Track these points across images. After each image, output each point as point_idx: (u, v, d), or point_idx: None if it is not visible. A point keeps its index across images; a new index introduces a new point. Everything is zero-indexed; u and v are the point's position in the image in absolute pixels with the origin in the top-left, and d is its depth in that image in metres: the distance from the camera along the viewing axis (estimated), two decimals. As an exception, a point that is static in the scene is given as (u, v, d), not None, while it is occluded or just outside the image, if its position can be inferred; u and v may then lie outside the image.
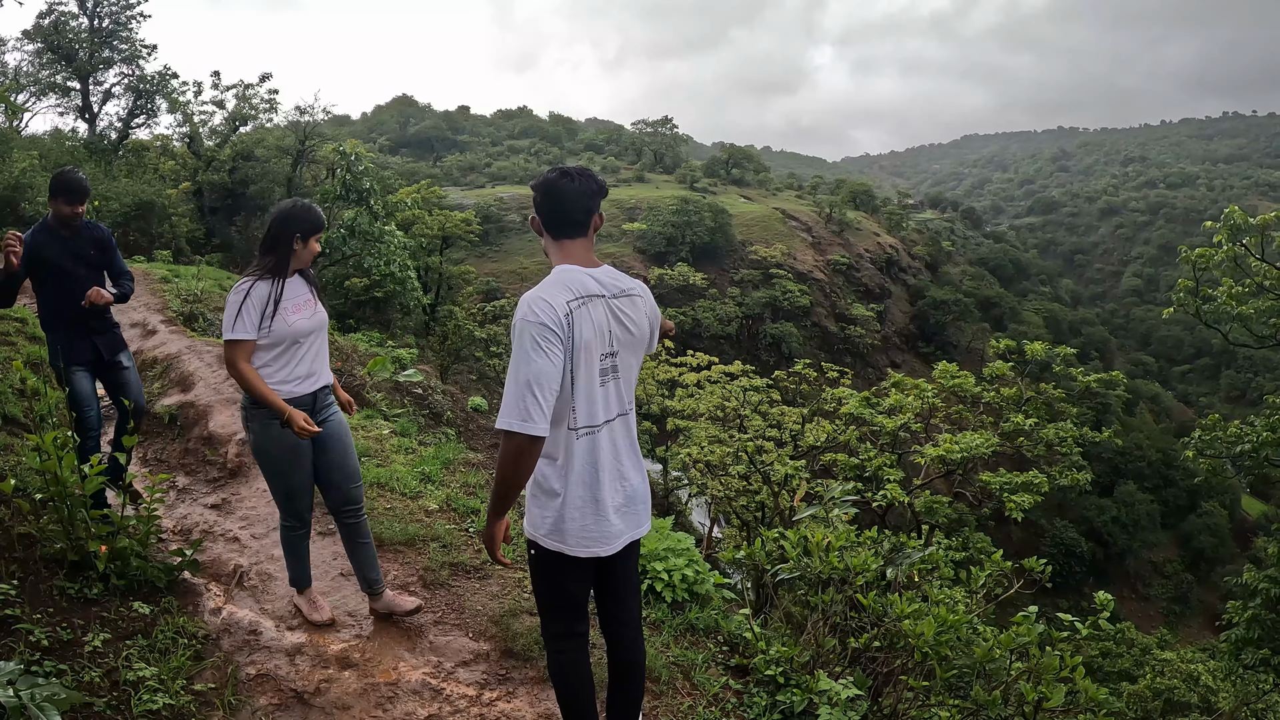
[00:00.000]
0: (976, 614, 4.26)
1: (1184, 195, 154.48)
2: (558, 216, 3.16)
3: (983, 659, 3.60)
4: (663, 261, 63.74)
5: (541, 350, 2.94)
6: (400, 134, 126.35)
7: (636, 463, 3.35)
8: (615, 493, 3.23)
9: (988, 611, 4.57)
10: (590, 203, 3.16)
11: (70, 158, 23.10)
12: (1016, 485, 14.24)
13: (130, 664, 3.78)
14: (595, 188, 3.18)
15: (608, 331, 3.12)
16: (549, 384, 2.95)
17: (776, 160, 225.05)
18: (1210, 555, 54.27)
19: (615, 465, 3.23)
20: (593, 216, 3.20)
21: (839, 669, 3.93)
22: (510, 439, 2.91)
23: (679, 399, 21.90)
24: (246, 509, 5.82)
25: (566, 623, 3.36)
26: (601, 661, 3.64)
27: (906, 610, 3.68)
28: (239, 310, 4.00)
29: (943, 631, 3.53)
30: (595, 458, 3.16)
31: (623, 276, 3.26)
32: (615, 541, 3.21)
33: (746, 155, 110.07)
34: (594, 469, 3.15)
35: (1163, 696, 14.70)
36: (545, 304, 3.01)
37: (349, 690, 3.98)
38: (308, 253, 4.22)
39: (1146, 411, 71.12)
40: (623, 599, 3.43)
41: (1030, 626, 3.67)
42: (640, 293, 3.27)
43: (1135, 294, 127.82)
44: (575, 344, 3.02)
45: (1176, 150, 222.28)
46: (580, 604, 3.38)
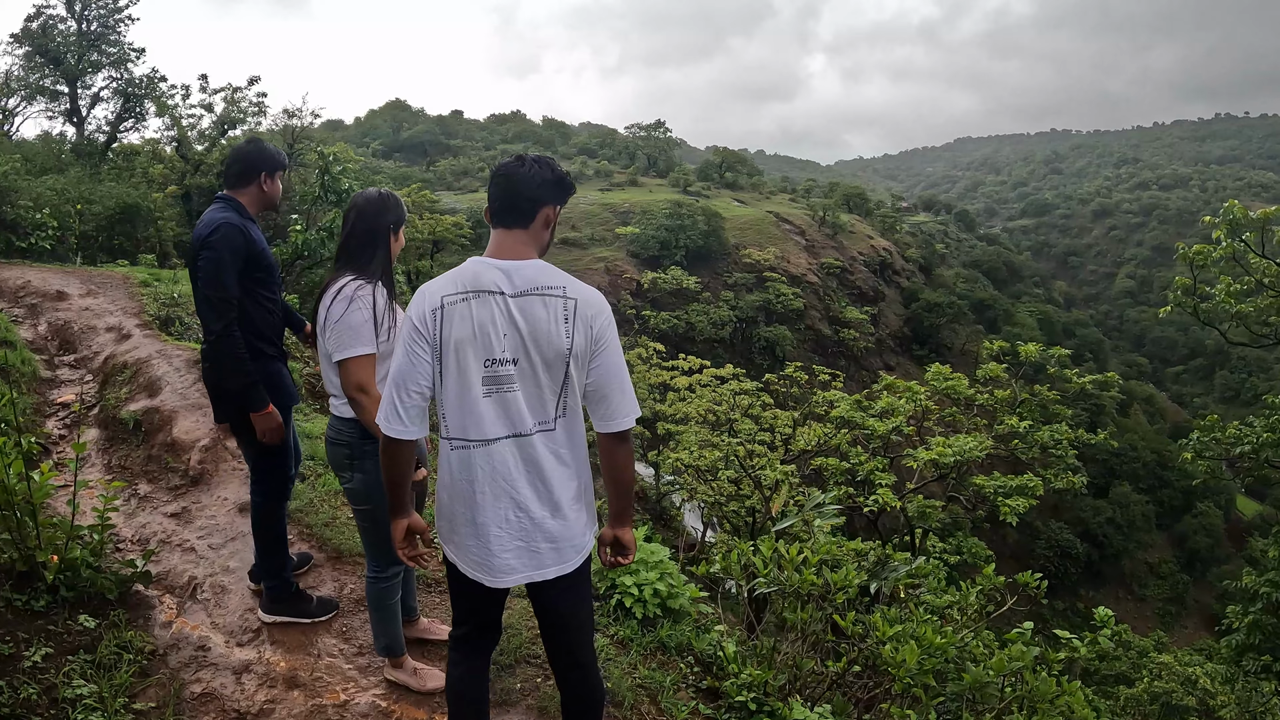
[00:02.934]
0: (968, 630, 3.96)
1: (1177, 196, 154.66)
2: (498, 202, 2.91)
3: (973, 685, 3.31)
4: (656, 265, 63.50)
5: (405, 347, 2.81)
6: (393, 138, 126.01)
7: (548, 495, 2.90)
8: (504, 523, 2.88)
9: (980, 628, 4.27)
10: (539, 192, 2.90)
11: (56, 161, 22.87)
12: (1011, 489, 14.05)
13: (70, 681, 3.58)
14: (550, 178, 2.93)
15: (497, 334, 2.79)
16: (408, 384, 2.80)
17: (769, 164, 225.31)
18: (1205, 555, 54.34)
19: (506, 491, 2.87)
20: (540, 208, 2.92)
21: (817, 694, 3.65)
22: (382, 436, 2.85)
23: (670, 403, 21.69)
24: (206, 518, 5.59)
25: (464, 628, 3.16)
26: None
27: (888, 633, 3.37)
28: (367, 319, 3.59)
29: (928, 656, 3.26)
30: (471, 476, 2.87)
31: (551, 275, 2.88)
32: (502, 577, 2.92)
33: (740, 159, 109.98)
34: (469, 488, 2.88)
35: (1160, 700, 14.56)
36: (421, 297, 2.83)
37: (295, 712, 3.78)
38: (398, 247, 3.89)
39: (1140, 412, 71.16)
40: (554, 637, 3.14)
41: (1022, 648, 3.38)
42: (563, 293, 2.85)
43: (1129, 295, 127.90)
44: (442, 343, 2.78)
45: (1169, 152, 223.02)
46: (480, 615, 3.16)
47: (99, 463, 6.69)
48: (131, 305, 11.36)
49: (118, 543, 5.25)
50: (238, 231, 4.08)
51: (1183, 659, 17.31)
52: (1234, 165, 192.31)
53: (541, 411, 2.86)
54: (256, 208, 4.33)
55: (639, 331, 45.31)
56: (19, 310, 11.06)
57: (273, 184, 4.30)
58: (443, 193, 78.06)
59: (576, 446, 2.96)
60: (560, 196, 2.99)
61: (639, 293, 60.75)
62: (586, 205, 76.46)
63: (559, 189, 2.97)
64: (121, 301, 11.47)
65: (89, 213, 18.40)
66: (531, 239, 2.93)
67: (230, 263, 4.04)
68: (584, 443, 3.00)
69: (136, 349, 8.69)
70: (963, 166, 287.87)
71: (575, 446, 2.96)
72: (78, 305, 11.10)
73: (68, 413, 7.66)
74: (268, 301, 4.27)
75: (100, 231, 18.89)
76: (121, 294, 11.83)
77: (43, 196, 16.73)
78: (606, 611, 4.71)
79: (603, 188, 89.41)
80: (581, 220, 72.71)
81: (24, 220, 15.74)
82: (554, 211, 2.98)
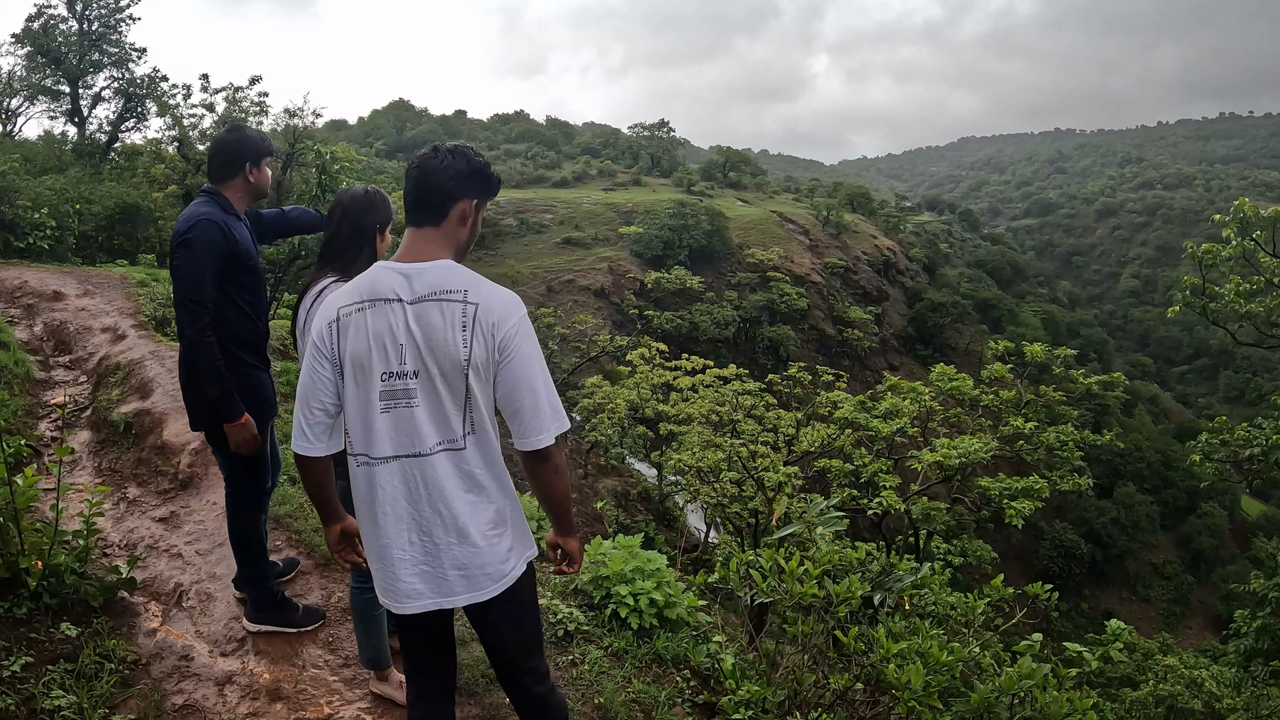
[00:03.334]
0: (975, 644, 3.82)
1: (1181, 196, 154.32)
2: (409, 197, 2.70)
3: (980, 705, 3.16)
4: (659, 265, 63.28)
5: (307, 363, 2.68)
6: (397, 138, 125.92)
7: (453, 521, 2.67)
8: (406, 545, 2.68)
9: (990, 641, 4.11)
10: (452, 186, 2.67)
11: (57, 161, 22.83)
12: (1016, 491, 13.91)
13: (49, 691, 3.50)
14: (465, 170, 2.68)
15: (395, 345, 2.59)
16: (310, 401, 2.68)
17: (773, 164, 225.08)
18: (1210, 556, 54.15)
19: (407, 513, 2.67)
20: (455, 204, 2.69)
21: (817, 712, 3.51)
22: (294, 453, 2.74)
23: (673, 403, 21.60)
24: (194, 523, 5.49)
25: (411, 659, 3.03)
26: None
27: (893, 650, 3.22)
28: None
29: (935, 673, 3.11)
30: (373, 496, 2.69)
31: (455, 278, 2.63)
32: (407, 602, 2.73)
33: (743, 159, 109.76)
34: (371, 508, 2.71)
35: (1166, 703, 14.44)
36: (323, 310, 2.69)
37: None
38: (384, 247, 3.75)
39: (1145, 413, 70.95)
40: (492, 658, 3.00)
41: (1031, 664, 3.22)
42: (463, 298, 2.59)
43: (1133, 295, 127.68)
44: (341, 357, 2.62)
45: (1173, 151, 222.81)
46: (413, 649, 3.00)
47: (89, 465, 6.59)
48: (128, 305, 11.30)
49: (105, 548, 5.17)
50: (217, 229, 3.89)
51: (1188, 661, 17.21)
52: (1238, 165, 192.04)
53: (446, 429, 2.64)
54: (245, 201, 4.17)
55: (641, 331, 45.15)
56: (15, 310, 11.00)
57: (259, 173, 4.12)
58: (446, 192, 77.93)
59: (496, 467, 2.73)
60: (479, 190, 2.75)
61: (642, 292, 60.56)
62: (590, 205, 76.37)
63: (477, 182, 2.72)
64: (118, 302, 11.42)
65: (88, 212, 18.37)
66: (445, 238, 2.71)
67: (208, 262, 3.85)
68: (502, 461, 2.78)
69: (130, 350, 8.60)
70: (967, 166, 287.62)
71: (494, 467, 2.73)
72: (74, 305, 11.04)
73: (64, 410, 7.56)
74: (248, 306, 4.07)
75: (100, 231, 18.84)
76: (118, 294, 11.78)
77: (42, 196, 16.68)
78: (601, 622, 4.61)
79: (606, 187, 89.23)
80: (585, 220, 72.60)
81: (22, 220, 15.70)
82: (471, 206, 2.73)
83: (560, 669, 4.26)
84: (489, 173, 2.77)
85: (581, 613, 4.70)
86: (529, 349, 2.65)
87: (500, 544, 2.74)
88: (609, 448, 25.88)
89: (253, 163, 4.09)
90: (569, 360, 32.26)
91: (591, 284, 60.56)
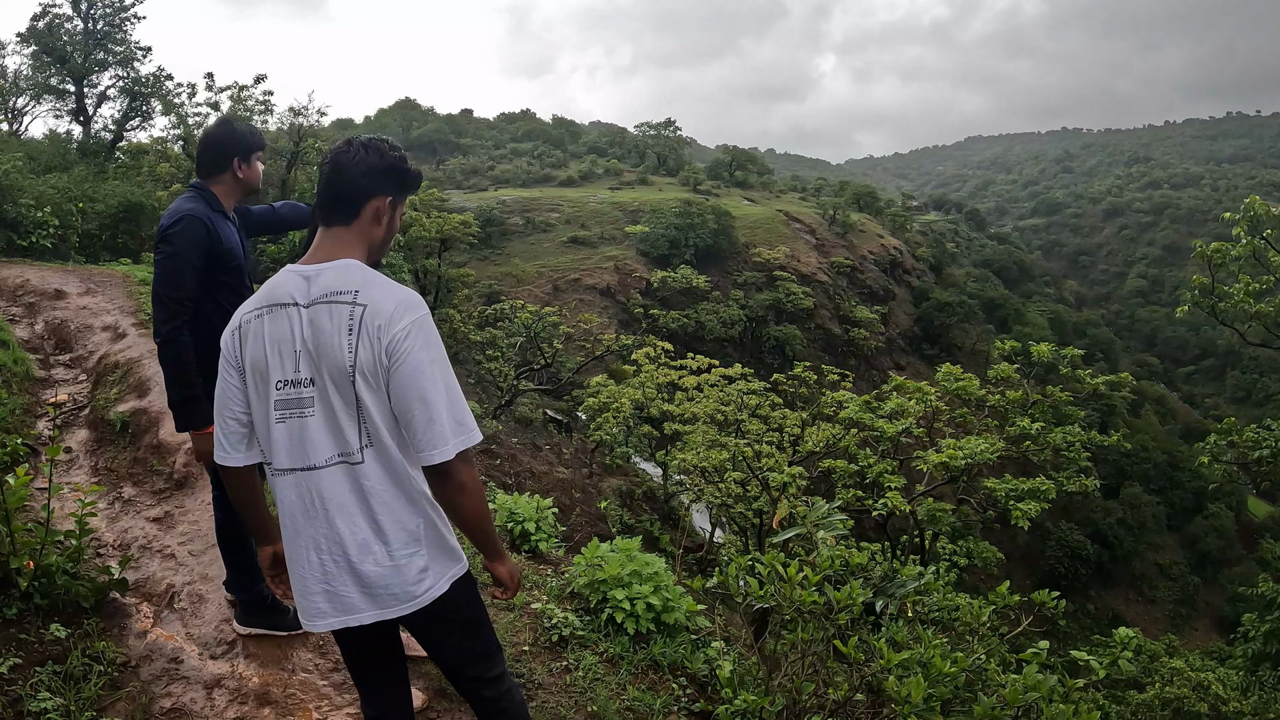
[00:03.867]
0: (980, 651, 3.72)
1: (1188, 196, 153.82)
2: (321, 194, 2.56)
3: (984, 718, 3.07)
4: (665, 264, 63.26)
5: (220, 372, 2.57)
6: (403, 137, 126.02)
7: (353, 538, 2.49)
8: (307, 562, 2.53)
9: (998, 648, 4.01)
10: (365, 183, 2.51)
11: (62, 160, 22.83)
12: (1022, 492, 13.81)
13: (36, 693, 3.46)
14: (380, 165, 2.53)
15: (290, 351, 2.44)
16: (223, 410, 2.57)
17: (780, 163, 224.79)
18: (1216, 557, 54.08)
19: (306, 529, 2.51)
20: (368, 201, 2.54)
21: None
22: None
23: (678, 403, 21.53)
24: (189, 524, 5.45)
25: (361, 691, 2.93)
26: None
27: (894, 660, 3.12)
28: None
29: (937, 683, 3.02)
30: (280, 508, 2.57)
31: (349, 278, 2.46)
32: (316, 621, 2.58)
33: (750, 158, 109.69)
34: (281, 521, 2.60)
35: (1172, 706, 14.37)
36: (233, 318, 2.57)
37: None
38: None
39: (1152, 413, 70.71)
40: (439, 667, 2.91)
41: (1035, 674, 3.12)
42: (353, 298, 2.42)
43: (1140, 295, 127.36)
44: (244, 365, 2.50)
45: (1180, 151, 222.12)
46: (350, 662, 2.89)
47: (86, 465, 6.55)
48: (129, 304, 11.26)
49: (99, 548, 5.13)
50: (201, 225, 3.80)
51: (1194, 664, 17.12)
52: (1246, 164, 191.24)
53: (341, 441, 2.46)
54: (234, 196, 4.08)
55: (646, 330, 45.11)
56: (17, 309, 10.98)
57: (249, 169, 4.02)
58: (452, 191, 78.10)
59: (404, 482, 2.53)
60: (394, 187, 2.59)
61: (649, 291, 60.56)
62: (596, 204, 76.38)
63: (392, 178, 2.57)
64: (120, 300, 11.38)
65: (92, 211, 18.35)
66: (357, 238, 2.55)
67: (190, 259, 3.76)
68: (417, 476, 2.57)
69: (130, 348, 8.56)
70: (973, 165, 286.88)
71: (402, 482, 2.52)
72: (75, 304, 11.02)
73: (58, 413, 7.52)
74: (230, 306, 3.75)
75: (103, 230, 18.81)
76: (120, 293, 11.75)
77: (45, 195, 16.68)
78: (597, 627, 4.54)
79: (612, 186, 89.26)
80: (591, 219, 72.61)
81: (25, 219, 15.69)
82: (386, 204, 2.57)
83: (554, 675, 4.20)
84: (406, 168, 2.62)
85: (577, 617, 4.64)
86: (422, 354, 2.41)
87: (411, 564, 2.54)
88: (614, 447, 25.85)
89: (241, 157, 3.98)
90: (574, 359, 32.21)
91: (598, 283, 60.58)
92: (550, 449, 25.50)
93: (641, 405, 23.69)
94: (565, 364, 32.06)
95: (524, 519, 5.85)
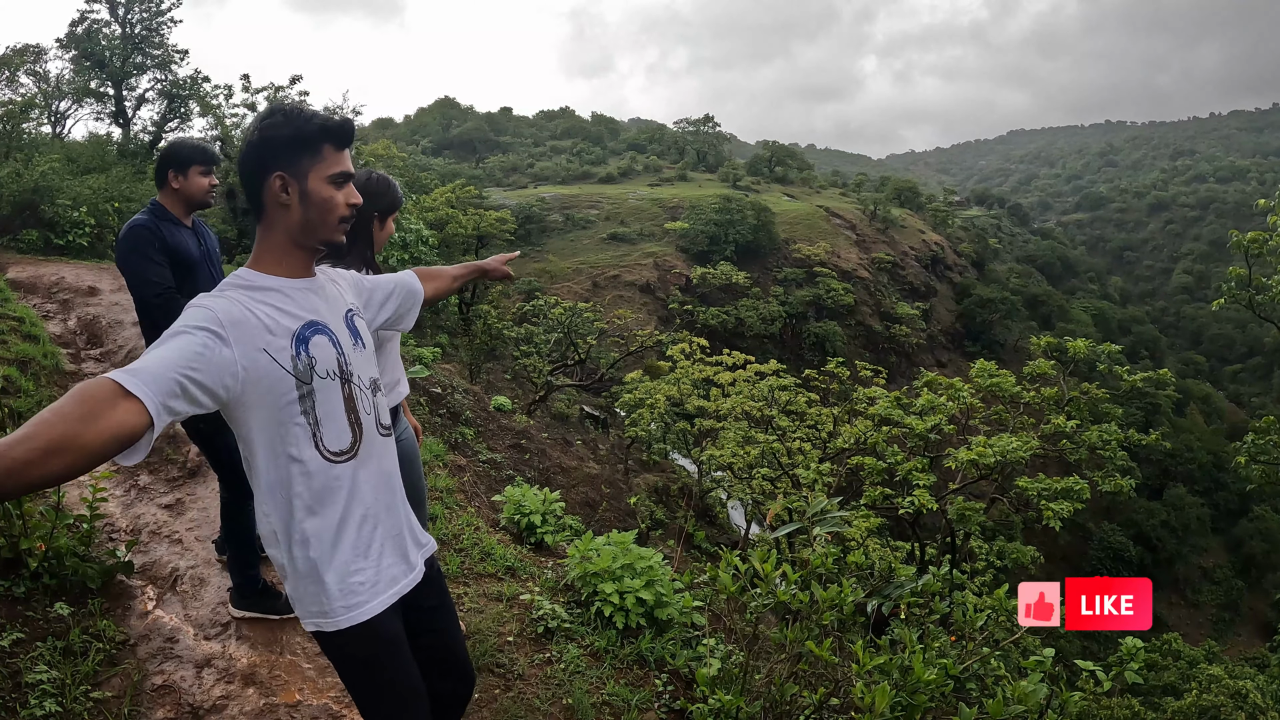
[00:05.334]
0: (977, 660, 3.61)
1: (1234, 189, 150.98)
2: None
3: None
4: (705, 260, 63.31)
5: None
6: (443, 135, 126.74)
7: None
8: None
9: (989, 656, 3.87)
10: (256, 161, 2.23)
11: (101, 160, 23.18)
12: (1055, 492, 13.62)
13: (34, 666, 3.61)
14: (256, 142, 2.22)
15: None
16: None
17: (820, 158, 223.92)
18: (1261, 561, 53.11)
19: None
20: (264, 183, 2.24)
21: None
22: None
23: (713, 399, 21.50)
24: (198, 510, 5.63)
25: None
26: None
27: (868, 665, 3.03)
28: None
29: (914, 691, 2.93)
30: None
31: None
32: None
33: (790, 153, 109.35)
34: None
35: (1209, 715, 14.18)
36: None
37: (247, 709, 3.77)
38: (384, 235, 3.62)
39: (1197, 412, 69.69)
40: None
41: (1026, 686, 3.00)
42: None
43: (1185, 291, 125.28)
44: None
45: (1226, 143, 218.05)
46: None
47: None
48: (158, 299, 11.41)
49: (111, 532, 5.30)
50: (143, 229, 4.05)
51: (1234, 671, 16.86)
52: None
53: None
54: (180, 206, 4.27)
55: (681, 326, 45.10)
56: (51, 305, 11.19)
57: (185, 181, 4.21)
58: (492, 189, 78.50)
59: (273, 510, 2.32)
60: (286, 157, 2.23)
61: (688, 288, 60.62)
62: (636, 200, 76.53)
63: (288, 148, 2.22)
64: (150, 297, 11.54)
65: (128, 210, 18.61)
66: (265, 231, 2.32)
67: (146, 255, 3.99)
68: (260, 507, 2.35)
69: (155, 342, 8.68)
70: (1015, 159, 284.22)
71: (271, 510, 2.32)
72: (108, 300, 11.21)
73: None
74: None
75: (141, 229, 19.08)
76: (151, 289, 11.90)
77: (82, 195, 16.98)
78: (585, 620, 4.54)
79: (652, 183, 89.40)
80: (630, 216, 72.76)
81: (62, 218, 15.99)
82: (282, 179, 2.24)
83: (535, 666, 4.23)
84: (282, 131, 2.22)
85: (567, 610, 4.65)
86: None
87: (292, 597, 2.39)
88: (650, 443, 25.83)
89: (176, 170, 4.19)
90: (610, 355, 32.23)
91: (637, 279, 60.70)
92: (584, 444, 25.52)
93: (677, 401, 23.68)
94: (602, 360, 32.09)
95: (530, 511, 5.85)
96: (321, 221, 2.29)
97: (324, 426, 2.26)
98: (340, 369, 2.31)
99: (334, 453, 2.28)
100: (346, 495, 2.31)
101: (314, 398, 2.24)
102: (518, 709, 3.57)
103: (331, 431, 2.28)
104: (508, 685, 4.01)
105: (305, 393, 2.22)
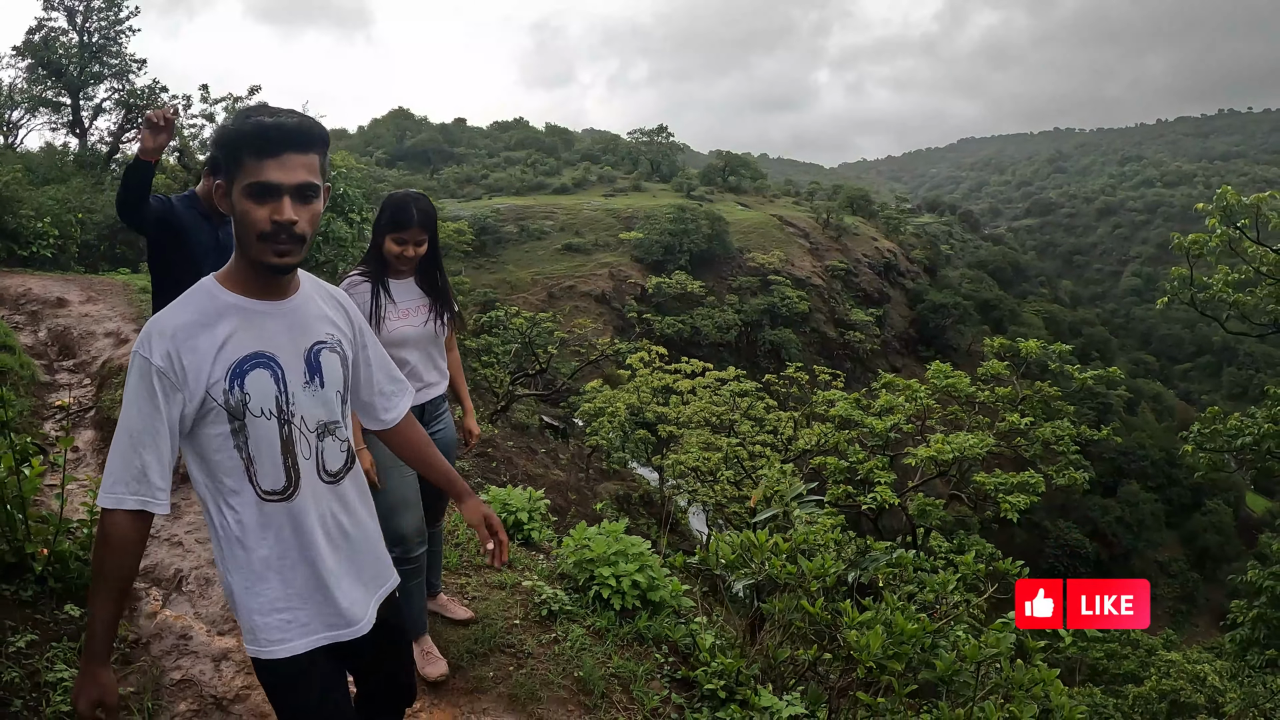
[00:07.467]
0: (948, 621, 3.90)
1: (1181, 193, 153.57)
2: None
3: (945, 673, 3.25)
4: (660, 270, 63.46)
5: None
6: (397, 146, 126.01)
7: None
8: None
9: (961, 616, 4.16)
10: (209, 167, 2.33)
11: (59, 171, 22.98)
12: (1011, 486, 13.97)
13: (52, 666, 3.70)
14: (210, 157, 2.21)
15: None
16: None
17: (774, 167, 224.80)
18: (1215, 553, 54.13)
19: None
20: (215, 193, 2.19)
21: (790, 682, 3.62)
22: None
23: (674, 406, 21.69)
24: (195, 514, 5.71)
25: None
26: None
27: (856, 619, 3.30)
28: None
29: (900, 642, 3.19)
30: None
31: None
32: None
33: (743, 163, 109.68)
34: None
35: (1169, 699, 14.52)
36: None
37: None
38: (410, 255, 3.70)
39: (1149, 410, 70.89)
40: None
41: (997, 634, 3.29)
42: None
43: (1135, 293, 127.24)
44: None
45: (1173, 148, 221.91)
46: None
47: (94, 462, 6.77)
48: (130, 311, 11.47)
49: None
50: (161, 199, 4.71)
51: (1191, 656, 17.26)
52: (1238, 160, 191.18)
53: None
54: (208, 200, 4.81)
55: (639, 335, 45.26)
56: (20, 317, 11.19)
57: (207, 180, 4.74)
58: (446, 200, 78.29)
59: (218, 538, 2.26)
60: (219, 165, 2.13)
61: (644, 297, 60.75)
62: (590, 211, 76.53)
63: (222, 154, 2.12)
64: (121, 308, 11.60)
65: (90, 222, 18.54)
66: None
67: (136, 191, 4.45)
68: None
69: (133, 353, 8.74)
70: (966, 167, 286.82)
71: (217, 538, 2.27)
72: (77, 312, 11.23)
73: (64, 414, 7.71)
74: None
75: (102, 240, 19.04)
76: (121, 300, 11.97)
77: (44, 206, 16.90)
78: (585, 603, 4.75)
79: (606, 193, 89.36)
80: (585, 226, 72.78)
81: (25, 229, 15.90)
82: (218, 186, 2.15)
83: (543, 645, 4.40)
84: (228, 135, 2.12)
85: (566, 594, 4.84)
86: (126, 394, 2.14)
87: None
88: (610, 452, 25.94)
89: (210, 172, 4.67)
90: (570, 365, 32.31)
91: (593, 289, 60.82)
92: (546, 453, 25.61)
93: (636, 410, 23.81)
94: (561, 370, 32.15)
95: (517, 509, 6.03)
96: (243, 238, 2.15)
97: (256, 464, 2.18)
98: (279, 409, 2.20)
99: (267, 491, 2.20)
100: (278, 535, 2.23)
101: (245, 434, 2.16)
102: (532, 683, 3.73)
103: (264, 470, 2.19)
104: (520, 663, 4.18)
105: (237, 428, 2.15)
